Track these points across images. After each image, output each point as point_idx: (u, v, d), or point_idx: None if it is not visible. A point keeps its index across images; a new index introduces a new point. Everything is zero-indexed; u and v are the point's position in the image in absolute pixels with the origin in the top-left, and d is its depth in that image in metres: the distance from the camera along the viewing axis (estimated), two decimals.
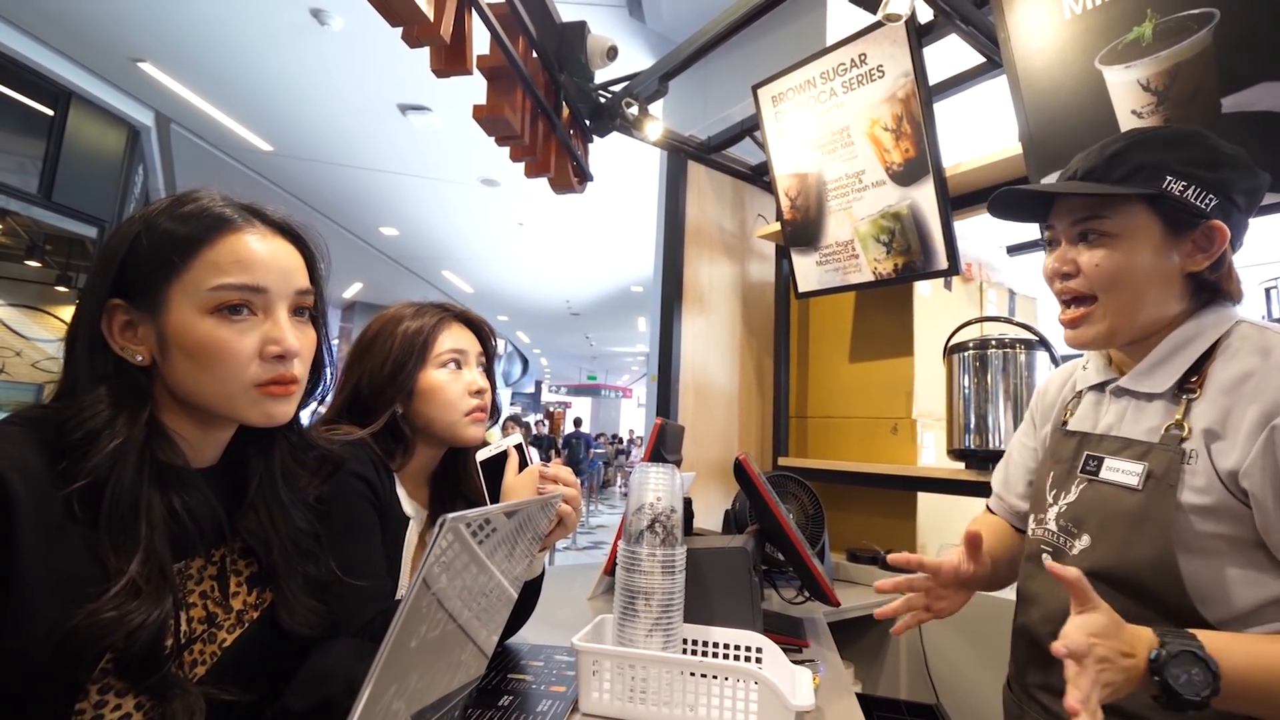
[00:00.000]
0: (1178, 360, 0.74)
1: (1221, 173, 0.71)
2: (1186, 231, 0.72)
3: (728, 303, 2.29)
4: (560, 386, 24.60)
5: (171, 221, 0.61)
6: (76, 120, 4.36)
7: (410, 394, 0.96)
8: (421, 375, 0.96)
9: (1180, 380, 0.73)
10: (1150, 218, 0.72)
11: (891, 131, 1.68)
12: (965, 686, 1.58)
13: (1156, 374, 0.75)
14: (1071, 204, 0.77)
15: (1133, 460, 0.73)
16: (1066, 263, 0.77)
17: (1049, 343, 1.65)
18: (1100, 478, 0.76)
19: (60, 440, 0.55)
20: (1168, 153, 0.72)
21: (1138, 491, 0.71)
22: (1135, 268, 0.73)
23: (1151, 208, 0.72)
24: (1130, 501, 0.72)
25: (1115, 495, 0.74)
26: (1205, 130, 0.74)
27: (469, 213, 7.15)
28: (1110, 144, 0.76)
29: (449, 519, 0.43)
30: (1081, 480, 0.79)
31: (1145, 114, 1.20)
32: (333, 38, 3.91)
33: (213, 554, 0.66)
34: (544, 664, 0.98)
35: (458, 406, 0.97)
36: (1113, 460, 0.76)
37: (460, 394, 0.98)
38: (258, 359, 0.62)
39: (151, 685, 0.56)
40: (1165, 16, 1.15)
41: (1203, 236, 0.72)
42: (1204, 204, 0.70)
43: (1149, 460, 0.72)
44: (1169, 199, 0.71)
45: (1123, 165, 0.73)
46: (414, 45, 1.24)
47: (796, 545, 1.17)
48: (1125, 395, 0.79)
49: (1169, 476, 0.69)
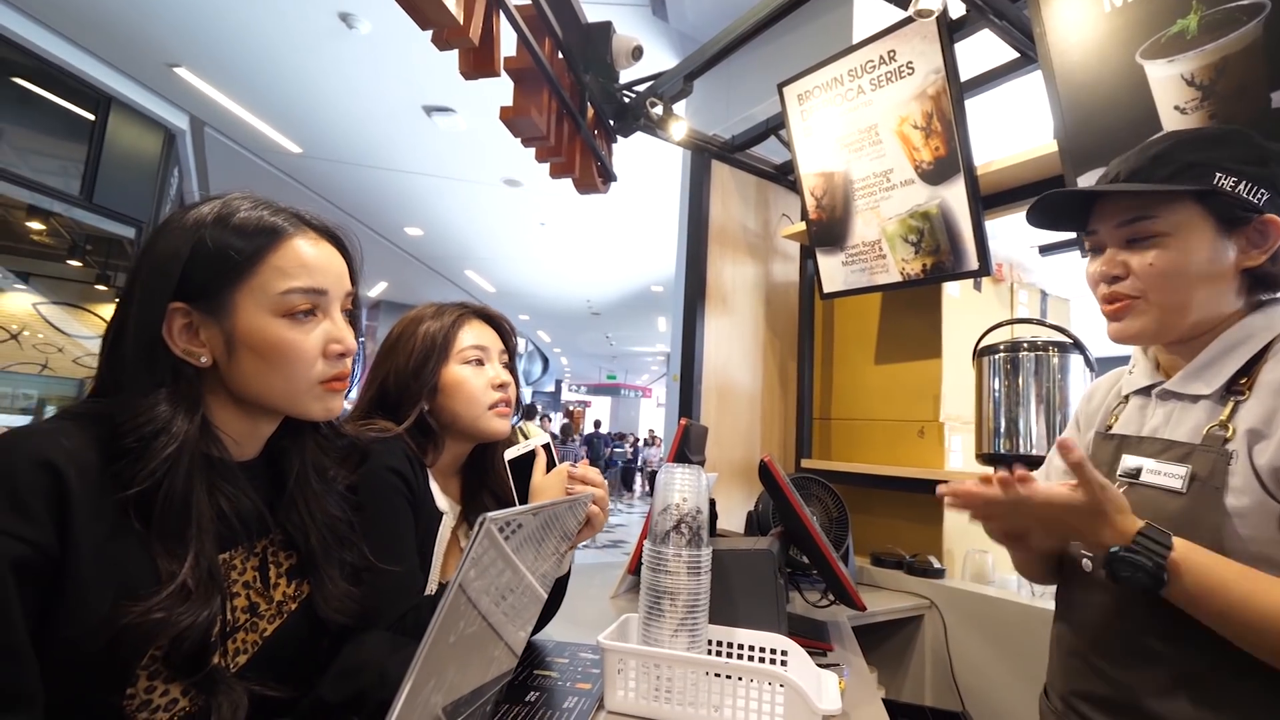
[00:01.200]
0: (1228, 362, 0.72)
1: (1270, 168, 0.70)
2: (1239, 227, 0.71)
3: (751, 303, 2.28)
4: (580, 386, 24.69)
5: (230, 228, 0.63)
6: (116, 124, 4.49)
7: (435, 390, 0.98)
8: (445, 371, 0.98)
9: (1229, 382, 0.71)
10: (1201, 215, 0.71)
11: (921, 129, 1.65)
12: (992, 694, 1.54)
13: (1205, 375, 0.73)
14: (1116, 206, 0.75)
15: (1174, 463, 0.71)
16: (1116, 265, 0.75)
17: (1083, 345, 1.61)
18: (1141, 481, 0.74)
19: (115, 438, 0.57)
20: (1214, 150, 0.71)
21: (1181, 495, 0.69)
22: (1190, 266, 0.71)
23: (1202, 204, 0.71)
24: (1174, 505, 0.70)
25: (1158, 499, 0.71)
26: (1247, 129, 0.73)
27: (491, 213, 7.21)
28: (1151, 145, 0.74)
29: (487, 518, 0.43)
30: (1121, 484, 0.76)
31: (1189, 109, 1.16)
32: (360, 41, 3.98)
33: (255, 545, 0.68)
34: (569, 661, 0.99)
35: (481, 400, 0.99)
36: (1154, 463, 0.74)
37: (483, 388, 0.99)
38: (322, 357, 0.66)
39: (198, 680, 0.57)
40: (1211, 8, 1.12)
41: (1256, 232, 0.71)
42: (1256, 198, 0.69)
43: (1192, 462, 0.70)
44: (1221, 195, 0.69)
45: (1169, 165, 0.71)
46: (443, 48, 1.26)
47: (822, 548, 1.16)
48: (1171, 398, 0.77)
49: (1214, 479, 0.67)
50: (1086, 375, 1.61)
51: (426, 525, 0.94)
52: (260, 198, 0.67)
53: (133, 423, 0.57)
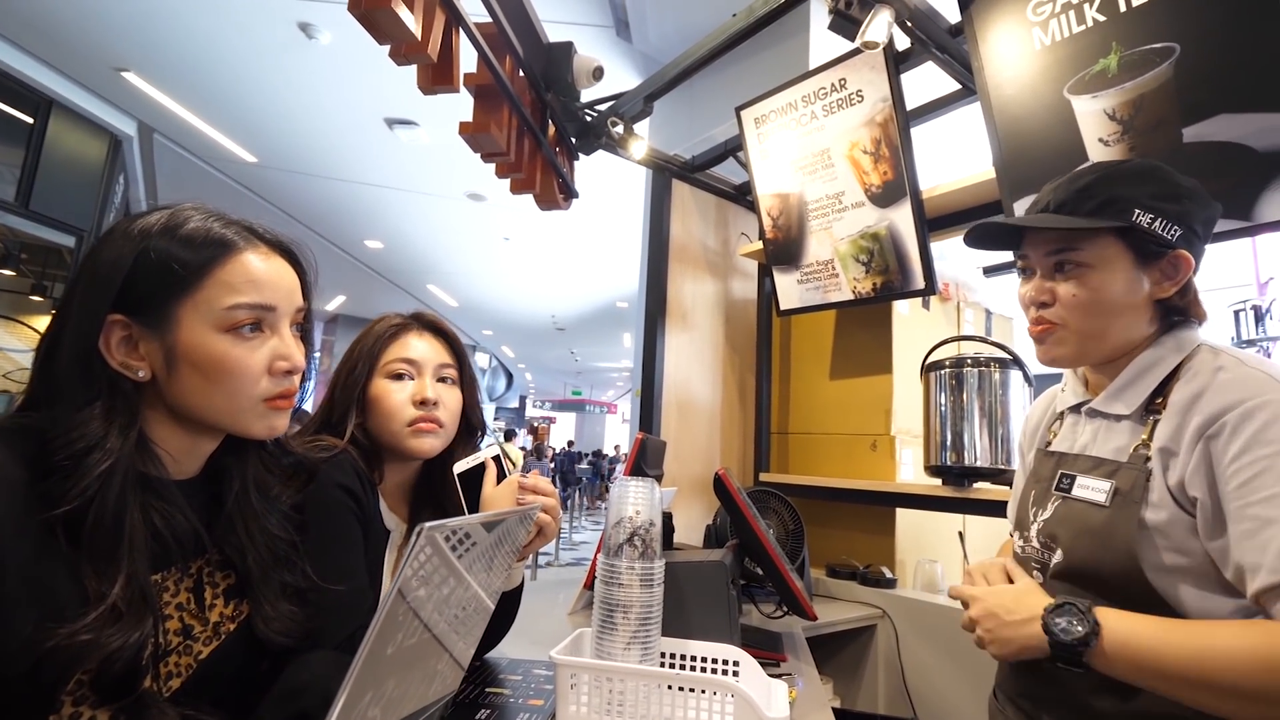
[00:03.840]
0: (1141, 384, 0.78)
1: (1183, 205, 0.75)
2: (1154, 261, 0.77)
3: (711, 319, 2.32)
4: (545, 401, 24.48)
5: (177, 239, 0.61)
6: (57, 128, 4.31)
7: (363, 404, 0.95)
8: (370, 385, 0.96)
9: (1146, 402, 0.77)
10: (1120, 249, 0.76)
11: (870, 154, 1.72)
12: (942, 700, 1.58)
13: (1123, 397, 0.79)
14: (1046, 235, 0.81)
15: (1102, 478, 0.77)
16: (1044, 292, 0.81)
17: (1023, 362, 1.69)
18: (1073, 494, 0.80)
19: (43, 454, 0.54)
20: (1134, 187, 0.76)
21: (1105, 508, 0.75)
22: (1109, 296, 0.77)
23: (1121, 239, 0.76)
24: (1098, 517, 0.75)
25: (1085, 511, 0.77)
26: (1165, 165, 0.79)
27: (455, 227, 7.15)
28: (1079, 177, 0.80)
29: (426, 528, 0.43)
30: (1056, 497, 0.82)
31: (1112, 142, 1.25)
32: (320, 51, 3.93)
33: (190, 566, 0.66)
34: (522, 678, 0.98)
35: (399, 416, 0.94)
36: (1084, 478, 0.79)
37: (401, 404, 0.94)
38: (267, 374, 0.64)
39: (126, 705, 0.55)
40: (1129, 49, 1.21)
41: (1169, 265, 0.77)
42: (1170, 234, 0.75)
43: (1117, 478, 0.75)
44: (1138, 230, 0.75)
45: (1092, 199, 0.77)
46: (401, 63, 1.26)
47: (774, 560, 1.18)
48: (1098, 416, 0.83)
49: (1134, 493, 0.72)
50: (1026, 391, 1.69)
51: (376, 544, 0.92)
52: (213, 209, 0.66)
53: (65, 438, 0.55)
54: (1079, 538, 0.77)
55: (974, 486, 1.64)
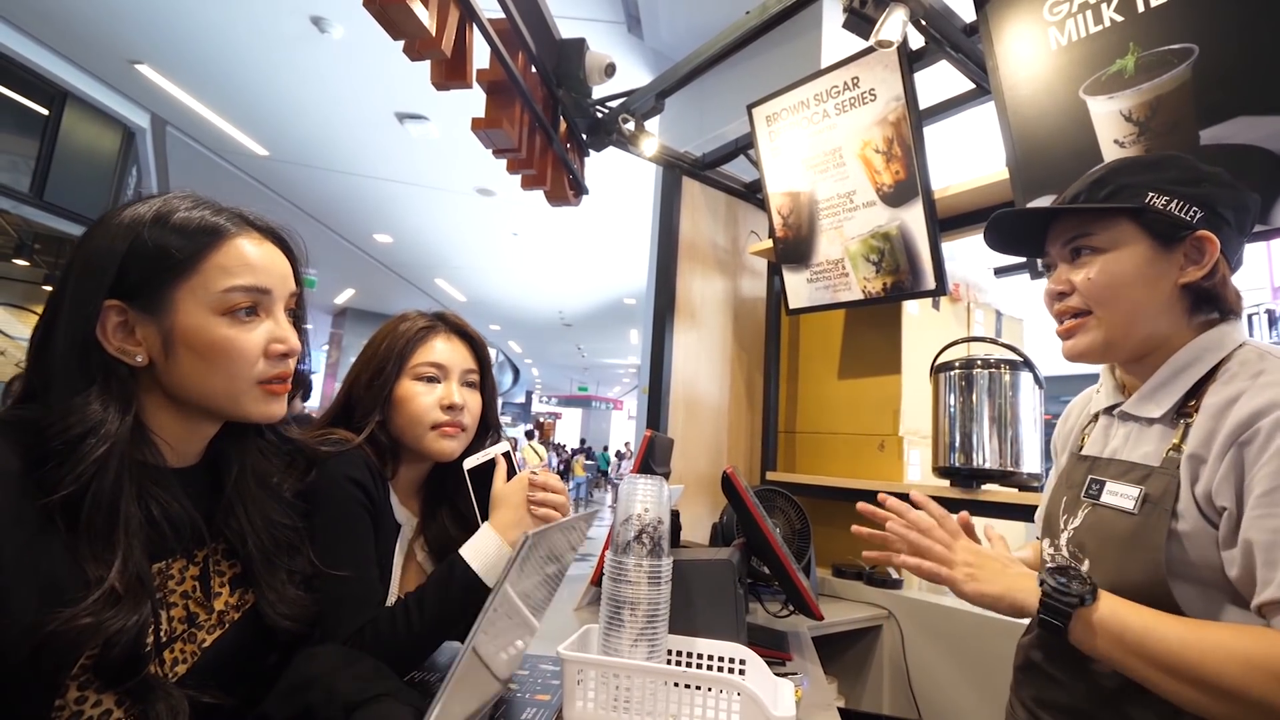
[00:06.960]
0: (1175, 385, 0.74)
1: (1203, 188, 0.73)
2: (1175, 244, 0.73)
3: (719, 317, 2.32)
4: (551, 397, 24.52)
5: (171, 226, 0.62)
6: (71, 120, 4.35)
7: (389, 403, 0.96)
8: (398, 385, 0.96)
9: (1179, 404, 0.73)
10: (1136, 230, 0.75)
11: (882, 153, 1.71)
12: (947, 702, 1.58)
13: (1156, 398, 0.75)
14: (1062, 227, 0.80)
15: (1132, 484, 0.73)
16: (1061, 282, 0.80)
17: (1033, 364, 1.68)
18: (1101, 501, 0.76)
19: (40, 443, 0.55)
20: (1148, 173, 0.75)
21: (1133, 515, 0.71)
22: (1126, 278, 0.75)
23: (1137, 222, 0.74)
24: (1124, 525, 0.72)
25: (1112, 519, 0.74)
26: (1188, 155, 0.77)
27: (464, 222, 7.17)
28: (1094, 172, 0.79)
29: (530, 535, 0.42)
30: (1086, 504, 0.79)
31: (1127, 143, 1.24)
32: (332, 45, 3.94)
33: (195, 554, 0.66)
34: (529, 673, 0.98)
35: (424, 419, 0.95)
36: (1113, 484, 0.76)
37: (428, 406, 0.96)
38: (263, 357, 0.65)
39: (131, 688, 0.56)
40: (1147, 50, 1.19)
41: (1192, 248, 0.73)
42: (1188, 215, 0.72)
43: (1148, 484, 0.71)
44: (1152, 212, 0.73)
45: (1105, 187, 0.76)
46: (415, 59, 1.26)
47: (781, 559, 1.18)
48: (1130, 420, 0.80)
49: (1164, 501, 0.69)
50: (1036, 393, 1.68)
51: (387, 537, 0.93)
52: (201, 197, 0.67)
53: (61, 424, 0.55)
54: (1104, 548, 0.74)
55: (982, 488, 1.63)
